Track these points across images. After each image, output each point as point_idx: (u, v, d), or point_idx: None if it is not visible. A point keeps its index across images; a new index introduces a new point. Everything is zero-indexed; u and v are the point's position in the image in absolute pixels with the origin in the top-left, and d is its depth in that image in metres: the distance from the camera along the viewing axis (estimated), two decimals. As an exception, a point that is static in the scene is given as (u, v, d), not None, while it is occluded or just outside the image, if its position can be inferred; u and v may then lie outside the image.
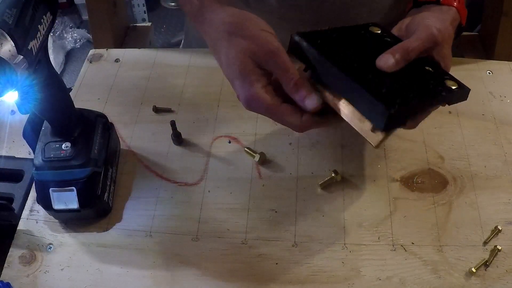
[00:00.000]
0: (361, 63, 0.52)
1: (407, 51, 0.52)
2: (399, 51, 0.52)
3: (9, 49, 0.43)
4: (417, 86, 0.52)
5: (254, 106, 0.51)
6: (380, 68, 0.52)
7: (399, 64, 0.52)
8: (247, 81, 0.50)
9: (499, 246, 0.56)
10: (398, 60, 0.51)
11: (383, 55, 0.52)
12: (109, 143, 0.63)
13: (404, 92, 0.50)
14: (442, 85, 0.53)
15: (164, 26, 2.28)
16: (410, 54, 0.52)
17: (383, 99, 0.48)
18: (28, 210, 0.62)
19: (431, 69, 0.54)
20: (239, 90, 0.51)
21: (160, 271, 0.57)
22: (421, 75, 0.53)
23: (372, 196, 0.61)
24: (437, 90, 0.52)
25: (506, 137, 0.67)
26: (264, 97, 0.50)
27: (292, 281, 0.55)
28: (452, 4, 0.58)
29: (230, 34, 0.51)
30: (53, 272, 0.57)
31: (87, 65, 0.81)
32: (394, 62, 0.51)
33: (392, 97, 0.48)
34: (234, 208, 0.61)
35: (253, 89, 0.50)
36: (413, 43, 0.53)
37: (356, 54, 0.54)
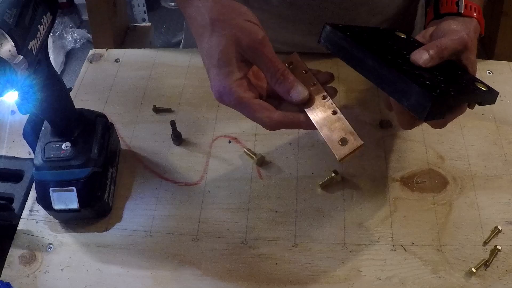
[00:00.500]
0: (394, 57, 0.52)
1: (441, 48, 0.53)
2: (434, 48, 0.52)
3: (9, 49, 0.43)
4: (453, 82, 0.52)
5: (225, 98, 0.50)
6: (415, 62, 0.52)
7: (433, 60, 0.52)
8: (223, 71, 0.49)
9: (499, 246, 0.56)
10: (432, 56, 0.52)
11: (418, 50, 0.52)
12: (109, 143, 0.63)
13: (442, 84, 0.50)
14: (475, 86, 0.54)
15: (164, 26, 2.28)
16: (444, 52, 0.53)
17: (426, 86, 0.48)
18: (28, 210, 0.62)
19: (461, 72, 0.55)
20: (213, 80, 0.50)
21: (160, 271, 0.57)
22: (455, 76, 0.54)
23: (372, 196, 0.61)
24: (471, 88, 0.53)
25: (506, 137, 0.67)
26: (236, 90, 0.49)
27: (292, 281, 0.55)
28: (472, 15, 0.59)
29: (215, 21, 0.50)
30: (53, 272, 0.57)
31: (87, 65, 0.81)
32: (429, 57, 0.52)
33: (432, 86, 0.48)
34: (234, 208, 0.61)
35: (227, 81, 0.49)
36: (447, 42, 0.53)
37: (387, 49, 0.54)
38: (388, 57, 0.52)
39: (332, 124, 0.50)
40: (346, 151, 0.48)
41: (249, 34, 0.49)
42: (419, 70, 0.51)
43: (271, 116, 0.49)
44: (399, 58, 0.53)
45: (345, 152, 0.48)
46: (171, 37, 2.22)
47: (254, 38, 0.49)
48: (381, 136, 0.67)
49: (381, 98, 0.69)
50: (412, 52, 0.53)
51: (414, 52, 0.52)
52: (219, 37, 0.49)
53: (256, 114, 0.50)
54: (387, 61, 0.51)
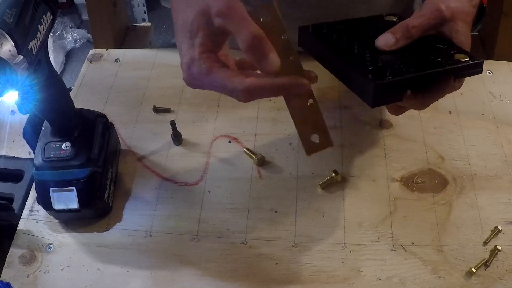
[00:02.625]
0: (363, 47, 0.52)
1: (407, 28, 0.51)
2: (400, 29, 0.51)
3: (9, 49, 0.43)
4: (418, 60, 0.50)
5: (194, 70, 0.47)
6: (379, 47, 0.51)
7: (399, 42, 0.51)
8: (192, 43, 0.47)
9: (499, 246, 0.56)
10: (398, 39, 0.50)
11: (383, 35, 0.51)
12: (109, 143, 0.63)
13: (400, 65, 0.49)
14: (450, 58, 0.51)
15: (164, 26, 2.28)
16: (412, 31, 0.51)
17: (372, 72, 0.47)
18: (28, 210, 0.62)
19: (443, 46, 0.52)
20: (183, 56, 0.48)
21: (160, 271, 0.57)
22: (429, 52, 0.51)
23: (372, 196, 0.61)
24: (440, 63, 0.50)
25: (506, 137, 0.67)
26: (205, 60, 0.46)
27: (292, 281, 0.55)
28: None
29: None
30: (53, 272, 0.57)
31: (87, 65, 0.81)
32: (394, 40, 0.50)
33: (383, 70, 0.47)
34: (234, 208, 0.61)
35: (195, 51, 0.47)
36: (415, 21, 0.51)
37: (360, 40, 0.53)
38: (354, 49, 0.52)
39: (307, 115, 0.49)
40: (316, 149, 0.49)
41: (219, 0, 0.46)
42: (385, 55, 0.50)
43: (244, 82, 0.45)
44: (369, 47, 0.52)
45: (315, 150, 0.49)
46: (171, 37, 2.22)
47: (224, 1, 0.45)
48: (381, 136, 0.67)
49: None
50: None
51: (379, 37, 0.51)
52: (191, 9, 0.47)
53: (227, 81, 0.46)
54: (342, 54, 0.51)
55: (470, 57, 0.51)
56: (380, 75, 0.47)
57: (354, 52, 0.51)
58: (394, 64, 0.49)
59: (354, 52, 0.51)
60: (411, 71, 0.48)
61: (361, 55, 0.51)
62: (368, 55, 0.50)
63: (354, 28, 0.57)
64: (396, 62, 0.50)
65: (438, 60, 0.50)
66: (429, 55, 0.51)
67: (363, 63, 0.49)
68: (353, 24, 0.58)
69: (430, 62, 0.50)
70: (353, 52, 0.51)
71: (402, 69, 0.48)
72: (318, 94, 0.72)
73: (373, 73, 0.47)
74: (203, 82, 0.48)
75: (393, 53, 0.51)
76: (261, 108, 0.72)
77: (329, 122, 0.68)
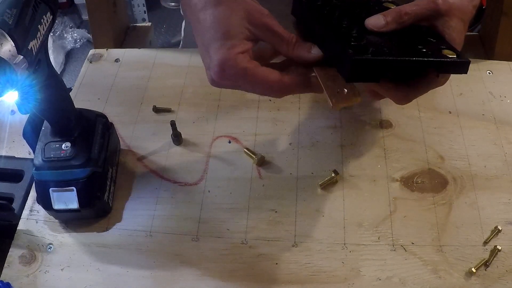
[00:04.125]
0: (352, 24, 0.52)
1: (399, 14, 0.51)
2: (392, 13, 0.51)
3: (9, 49, 0.43)
4: (403, 46, 0.50)
5: (228, 71, 0.48)
6: (368, 27, 0.51)
7: (388, 26, 0.51)
8: (228, 44, 0.47)
9: (499, 246, 0.56)
10: (388, 21, 0.50)
11: (374, 16, 0.51)
12: (109, 143, 0.63)
13: (384, 48, 0.48)
14: (436, 53, 0.49)
15: (164, 26, 2.28)
16: (404, 17, 0.51)
17: (354, 47, 0.47)
18: (28, 210, 0.62)
19: (433, 40, 0.52)
20: (216, 53, 0.48)
21: (160, 271, 0.57)
22: (417, 42, 0.51)
23: (372, 196, 0.61)
24: (425, 54, 0.49)
25: (506, 137, 0.67)
26: (241, 60, 0.47)
27: (292, 281, 0.55)
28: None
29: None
30: (53, 272, 0.57)
31: (87, 65, 0.81)
32: (383, 23, 0.50)
33: (365, 48, 0.47)
34: (234, 208, 0.61)
35: (231, 52, 0.47)
36: (409, 8, 0.51)
37: (351, 17, 0.53)
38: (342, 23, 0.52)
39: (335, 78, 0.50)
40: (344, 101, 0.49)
41: (257, 10, 0.49)
42: (372, 35, 0.50)
43: (282, 79, 0.49)
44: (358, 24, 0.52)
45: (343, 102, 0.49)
46: (171, 37, 2.22)
47: (263, 13, 0.49)
48: (381, 136, 0.67)
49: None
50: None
51: (369, 17, 0.51)
52: (227, 10, 0.48)
53: (266, 79, 0.48)
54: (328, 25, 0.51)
55: (458, 55, 0.50)
56: (361, 51, 0.47)
57: (342, 27, 0.51)
58: (378, 45, 0.49)
59: (342, 27, 0.51)
60: (392, 54, 0.48)
61: (348, 31, 0.50)
62: (355, 32, 0.50)
63: (349, 7, 0.56)
64: (380, 43, 0.49)
65: (424, 51, 0.49)
66: (416, 45, 0.50)
67: (348, 38, 0.49)
68: (349, 3, 0.57)
69: (415, 51, 0.49)
70: (341, 26, 0.51)
71: (385, 51, 0.48)
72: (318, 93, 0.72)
73: (354, 49, 0.47)
74: (237, 83, 0.49)
75: (380, 35, 0.51)
76: (261, 108, 0.72)
77: (329, 122, 0.69)
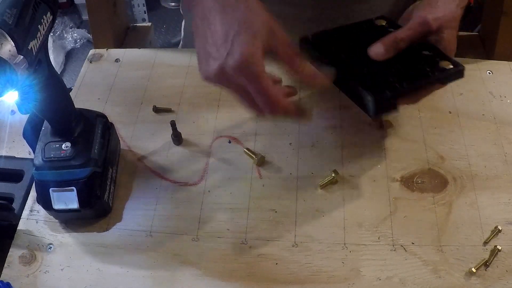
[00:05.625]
0: (357, 58, 0.58)
1: (395, 41, 0.56)
2: (389, 41, 0.56)
3: (9, 49, 0.43)
4: (408, 72, 0.56)
5: (251, 67, 0.47)
6: (372, 57, 0.56)
7: (389, 53, 0.56)
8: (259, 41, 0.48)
9: (499, 246, 0.56)
10: (387, 50, 0.55)
11: (374, 45, 0.56)
12: (109, 143, 0.63)
13: (393, 79, 0.55)
14: (435, 67, 0.56)
15: (164, 26, 2.28)
16: (400, 43, 0.56)
17: (372, 88, 0.54)
18: (28, 210, 0.62)
19: (429, 53, 0.58)
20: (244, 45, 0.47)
21: (160, 271, 0.57)
22: (416, 60, 0.57)
23: (372, 196, 0.61)
24: (427, 73, 0.56)
25: (506, 137, 0.67)
26: (262, 62, 0.48)
27: (292, 281, 0.55)
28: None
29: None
30: (53, 272, 0.57)
31: (87, 65, 0.81)
32: (383, 51, 0.56)
33: (379, 86, 0.54)
34: (234, 208, 0.61)
35: (257, 50, 0.47)
36: (403, 33, 0.56)
37: (354, 49, 0.60)
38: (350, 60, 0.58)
39: None
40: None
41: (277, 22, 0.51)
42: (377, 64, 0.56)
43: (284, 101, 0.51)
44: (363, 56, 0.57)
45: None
46: (171, 37, 2.22)
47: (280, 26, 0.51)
48: (381, 136, 0.67)
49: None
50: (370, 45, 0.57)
51: (370, 47, 0.56)
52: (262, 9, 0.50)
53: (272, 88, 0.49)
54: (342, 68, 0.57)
55: (453, 64, 0.56)
56: (379, 90, 0.54)
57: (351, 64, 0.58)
58: (388, 77, 0.55)
59: (352, 65, 0.58)
60: (404, 85, 0.55)
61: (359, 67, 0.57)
62: (365, 68, 0.57)
63: (348, 36, 0.63)
64: (389, 74, 0.56)
65: (426, 70, 0.56)
66: (417, 64, 0.57)
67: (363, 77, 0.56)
68: (346, 31, 0.64)
69: (419, 73, 0.56)
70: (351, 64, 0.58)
71: (395, 83, 0.55)
72: (318, 94, 0.72)
73: (373, 89, 0.54)
74: (242, 81, 0.49)
75: (384, 62, 0.57)
76: (261, 108, 0.72)
77: (329, 122, 0.69)
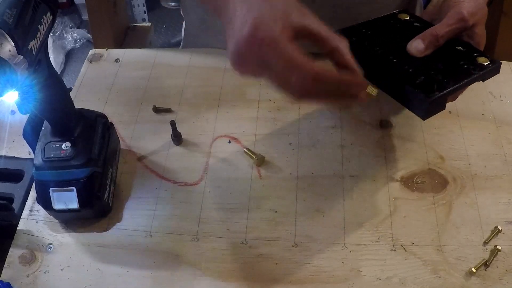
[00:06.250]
0: (393, 53, 0.57)
1: (436, 37, 0.55)
2: (429, 37, 0.55)
3: (9, 49, 0.43)
4: (451, 69, 0.55)
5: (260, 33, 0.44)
6: (411, 53, 0.55)
7: (428, 50, 0.55)
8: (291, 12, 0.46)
9: (499, 246, 0.56)
10: (427, 46, 0.55)
11: (413, 41, 0.55)
12: (109, 143, 0.63)
13: (439, 77, 0.54)
14: (474, 63, 0.56)
15: (164, 26, 2.28)
16: (440, 40, 0.55)
17: (421, 87, 0.52)
18: (28, 210, 0.62)
19: (462, 48, 0.57)
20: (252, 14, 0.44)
21: (160, 271, 0.57)
22: (453, 56, 0.56)
23: (372, 196, 0.61)
24: (470, 71, 0.55)
25: (506, 137, 0.67)
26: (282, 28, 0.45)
27: (292, 281, 0.55)
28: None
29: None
30: (53, 272, 0.57)
31: (87, 65, 0.81)
32: (423, 47, 0.55)
33: (429, 85, 0.53)
34: (234, 208, 0.61)
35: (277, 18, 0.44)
36: (443, 30, 0.55)
37: (388, 45, 0.58)
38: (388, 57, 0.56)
39: None
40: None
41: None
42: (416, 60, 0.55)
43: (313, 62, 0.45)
44: (398, 52, 0.56)
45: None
46: (171, 37, 2.23)
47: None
48: (381, 136, 0.67)
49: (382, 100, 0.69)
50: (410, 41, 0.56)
51: (410, 43, 0.55)
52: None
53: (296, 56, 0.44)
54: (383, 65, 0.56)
55: (491, 61, 0.56)
56: (428, 90, 0.52)
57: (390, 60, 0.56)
58: (434, 75, 0.54)
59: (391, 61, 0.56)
60: (451, 83, 0.53)
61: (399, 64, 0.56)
62: (406, 65, 0.55)
63: (378, 31, 0.62)
64: (433, 71, 0.55)
65: (468, 68, 0.55)
66: (457, 62, 0.56)
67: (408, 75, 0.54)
68: (373, 26, 0.63)
69: (462, 70, 0.55)
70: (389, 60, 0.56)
71: (444, 80, 0.53)
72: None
73: (422, 89, 0.52)
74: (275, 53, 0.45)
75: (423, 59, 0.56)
76: (261, 108, 0.72)
77: (329, 122, 0.69)
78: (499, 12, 0.81)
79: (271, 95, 0.73)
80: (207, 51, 0.80)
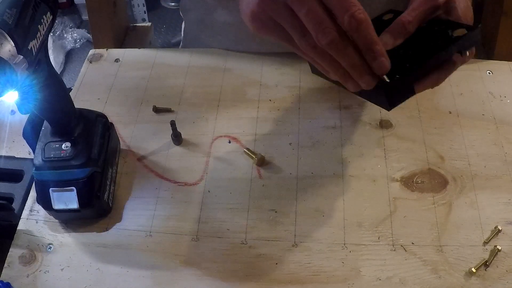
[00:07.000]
0: None
1: (403, 25, 0.52)
2: (396, 28, 0.53)
3: (9, 49, 0.43)
4: (421, 51, 0.53)
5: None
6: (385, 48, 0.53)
7: (398, 40, 0.52)
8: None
9: (499, 246, 0.56)
10: (395, 36, 0.52)
11: (382, 35, 0.52)
12: (109, 143, 0.63)
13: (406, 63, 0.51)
14: (448, 38, 0.53)
15: (164, 26, 2.28)
16: (408, 27, 0.53)
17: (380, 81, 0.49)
18: (28, 210, 0.62)
19: (439, 28, 0.54)
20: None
21: (160, 271, 0.57)
22: (428, 38, 0.54)
23: (372, 196, 0.61)
24: (439, 47, 0.52)
25: (506, 137, 0.67)
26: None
27: (292, 281, 0.55)
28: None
29: None
30: (53, 272, 0.57)
31: (87, 65, 0.81)
32: (392, 40, 0.52)
33: (390, 73, 0.49)
34: (234, 208, 0.61)
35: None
36: (408, 16, 0.53)
37: None
38: None
39: None
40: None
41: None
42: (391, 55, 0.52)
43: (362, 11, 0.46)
44: None
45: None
46: (171, 37, 2.23)
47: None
48: (381, 136, 0.67)
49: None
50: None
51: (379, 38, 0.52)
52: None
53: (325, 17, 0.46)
54: None
55: (467, 28, 0.52)
56: (389, 76, 0.49)
57: None
58: (401, 63, 0.51)
59: None
60: (415, 65, 0.50)
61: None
62: None
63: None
64: (399, 58, 0.51)
65: (439, 45, 0.52)
66: (429, 42, 0.53)
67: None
68: None
69: (432, 49, 0.52)
70: None
71: (406, 65, 0.51)
72: (318, 94, 0.72)
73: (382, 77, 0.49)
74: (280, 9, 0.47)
75: (395, 50, 0.52)
76: (261, 108, 0.72)
77: (329, 122, 0.69)
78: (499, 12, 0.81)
79: (271, 95, 0.73)
80: (207, 51, 0.81)
